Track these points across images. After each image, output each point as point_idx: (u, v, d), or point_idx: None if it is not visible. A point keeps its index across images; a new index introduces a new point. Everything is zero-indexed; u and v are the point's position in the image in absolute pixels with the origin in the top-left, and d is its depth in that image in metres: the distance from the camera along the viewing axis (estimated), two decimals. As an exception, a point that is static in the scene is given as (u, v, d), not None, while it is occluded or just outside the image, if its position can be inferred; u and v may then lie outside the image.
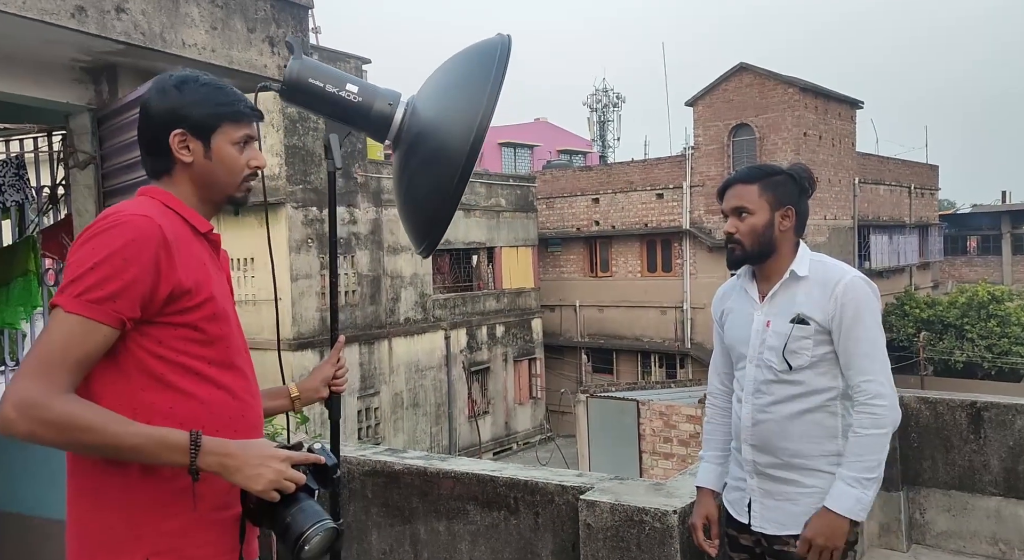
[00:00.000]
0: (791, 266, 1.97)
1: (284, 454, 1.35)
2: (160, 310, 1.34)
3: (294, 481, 1.33)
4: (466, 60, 1.82)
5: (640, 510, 2.28)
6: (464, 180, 1.65)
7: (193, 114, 1.45)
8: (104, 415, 1.27)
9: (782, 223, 1.99)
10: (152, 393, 1.35)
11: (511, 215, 20.52)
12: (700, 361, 20.71)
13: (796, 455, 1.92)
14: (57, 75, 3.27)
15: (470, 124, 1.62)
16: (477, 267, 20.21)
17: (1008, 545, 3.69)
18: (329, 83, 1.75)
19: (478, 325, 19.28)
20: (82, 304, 1.28)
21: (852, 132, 22.53)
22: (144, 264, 1.31)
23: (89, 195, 3.39)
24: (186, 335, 1.38)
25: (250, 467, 1.30)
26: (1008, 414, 3.70)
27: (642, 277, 22.28)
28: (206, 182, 1.48)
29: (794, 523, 1.91)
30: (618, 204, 22.47)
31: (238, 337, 1.49)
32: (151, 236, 1.32)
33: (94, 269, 1.28)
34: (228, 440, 1.34)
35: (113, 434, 1.25)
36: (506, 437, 19.92)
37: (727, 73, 20.88)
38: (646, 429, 13.63)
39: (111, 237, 1.31)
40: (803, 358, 1.91)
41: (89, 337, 1.28)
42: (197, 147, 1.46)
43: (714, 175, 20.88)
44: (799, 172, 2.03)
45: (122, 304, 1.29)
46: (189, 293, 1.37)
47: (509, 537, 2.66)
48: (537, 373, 21.05)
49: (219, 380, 1.42)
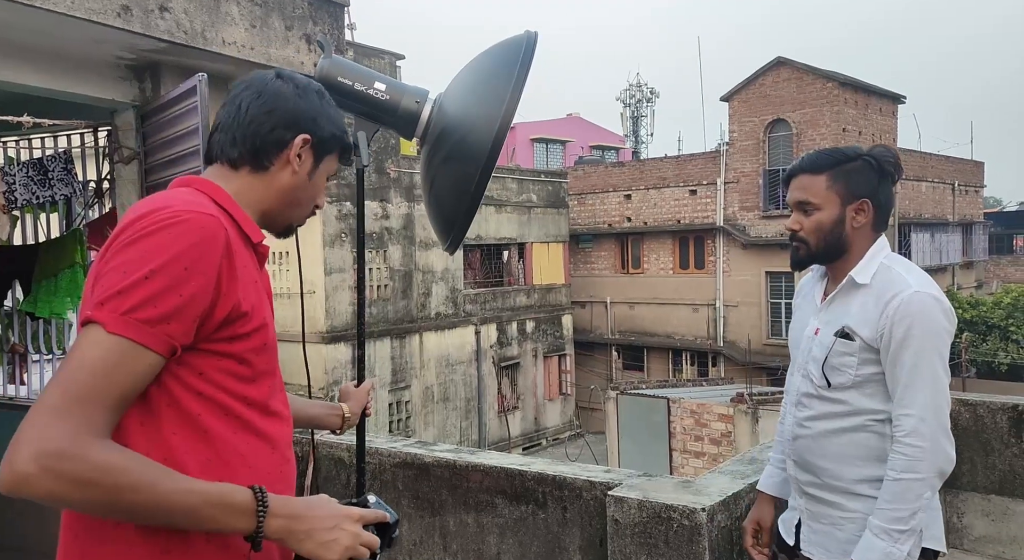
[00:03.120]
0: (852, 271, 1.73)
1: (357, 513, 1.11)
2: (211, 334, 1.07)
3: (370, 547, 1.10)
4: (491, 57, 1.84)
5: (668, 507, 2.27)
6: (486, 176, 1.64)
7: (325, 129, 1.29)
8: (154, 469, 0.98)
9: (855, 218, 1.74)
10: (183, 439, 1.07)
11: (542, 211, 20.51)
12: (732, 360, 20.50)
13: (834, 477, 1.72)
14: (103, 73, 3.36)
15: (492, 121, 1.61)
16: (508, 263, 20.25)
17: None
18: (357, 81, 1.78)
19: (508, 320, 19.34)
20: (130, 324, 0.99)
21: (894, 128, 22.05)
22: (209, 275, 1.04)
23: (133, 189, 3.49)
24: (228, 368, 1.11)
25: (323, 532, 1.06)
26: (1053, 417, 3.62)
27: (674, 274, 22.11)
28: (290, 199, 1.28)
29: (840, 551, 1.70)
30: (650, 200, 22.32)
31: (279, 373, 1.26)
32: (217, 240, 1.06)
33: (149, 279, 1.00)
34: (292, 498, 1.09)
35: (164, 494, 0.96)
36: (535, 433, 19.96)
37: (764, 67, 20.58)
38: (676, 427, 13.55)
39: (169, 238, 1.02)
40: (845, 376, 1.69)
41: (134, 366, 1.00)
42: (308, 162, 1.28)
43: (749, 171, 20.63)
44: (880, 156, 1.75)
45: (177, 326, 1.02)
46: (245, 317, 1.10)
47: (537, 531, 2.69)
48: (567, 369, 21.04)
49: (259, 426, 1.16)
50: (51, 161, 3.85)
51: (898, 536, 1.58)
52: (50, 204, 3.95)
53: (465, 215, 1.77)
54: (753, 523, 1.97)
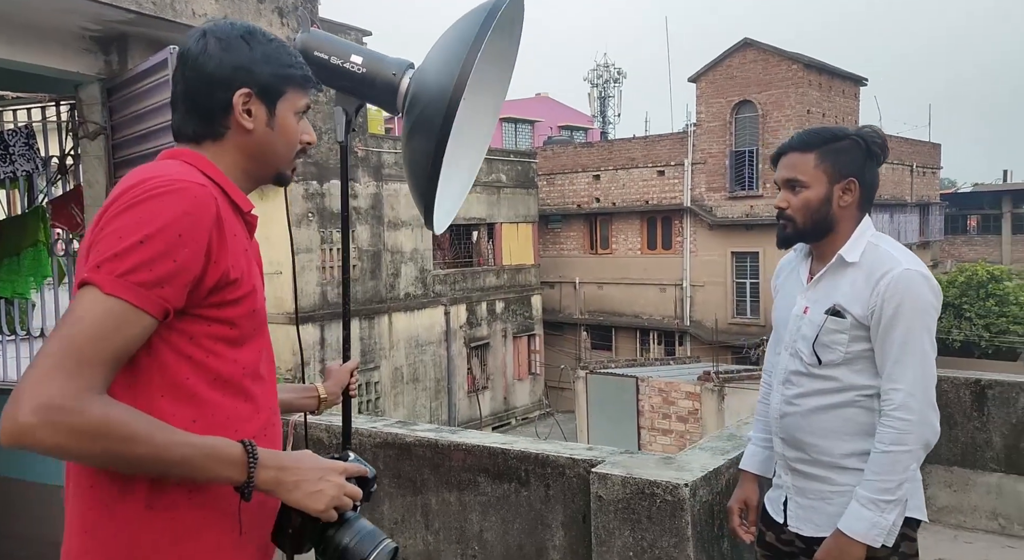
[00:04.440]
0: (840, 250, 1.74)
1: (341, 466, 1.17)
2: (202, 300, 1.12)
3: (353, 497, 1.16)
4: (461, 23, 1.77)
5: (651, 483, 2.31)
6: (441, 148, 1.58)
7: (263, 74, 1.23)
8: (147, 421, 1.04)
9: (842, 198, 1.75)
10: (171, 402, 1.11)
11: (511, 191, 20.46)
12: (699, 339, 20.81)
13: (823, 452, 1.74)
14: (67, 44, 3.24)
15: (447, 86, 1.54)
16: (477, 243, 20.20)
17: (1008, 520, 3.76)
18: (334, 55, 1.72)
19: (478, 301, 19.33)
20: (127, 286, 1.03)
21: (856, 110, 22.40)
22: (201, 242, 1.08)
23: (99, 166, 3.38)
24: (219, 333, 1.15)
25: (310, 483, 1.11)
26: (1012, 392, 3.74)
27: (642, 254, 22.30)
28: (261, 154, 1.26)
29: (830, 525, 1.71)
30: (619, 181, 22.42)
31: (269, 340, 1.29)
32: (208, 209, 1.10)
33: (144, 243, 1.04)
34: (280, 451, 1.15)
35: (160, 445, 1.02)
36: (505, 412, 20.07)
37: (731, 49, 20.71)
38: (645, 405, 13.75)
39: (164, 205, 1.06)
40: (835, 354, 1.70)
41: (130, 328, 1.04)
42: (260, 113, 1.24)
43: (715, 152, 20.80)
44: (868, 136, 1.76)
45: (170, 291, 1.06)
46: (235, 283, 1.14)
47: (519, 508, 2.70)
48: (536, 349, 21.15)
49: (247, 389, 1.20)
50: (12, 135, 3.71)
51: (885, 506, 1.61)
52: (11, 180, 3.81)
53: (428, 186, 1.70)
54: (740, 502, 1.98)
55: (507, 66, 2.02)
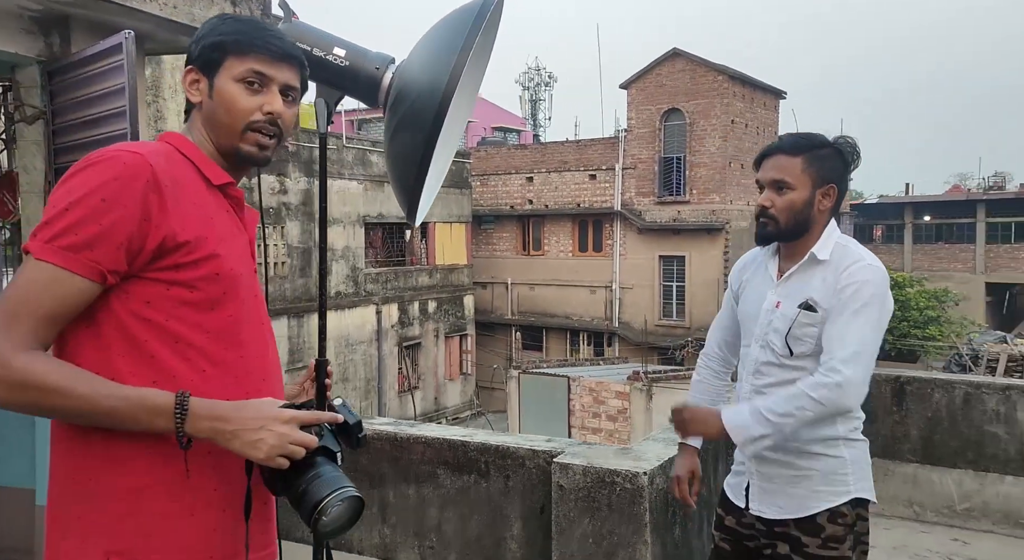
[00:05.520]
0: (812, 248, 1.84)
1: (289, 414, 1.16)
2: (149, 263, 1.15)
3: (303, 444, 1.15)
4: (448, 21, 1.81)
5: (612, 472, 2.40)
6: (431, 144, 1.60)
7: (200, 46, 1.27)
8: (74, 375, 1.10)
9: (822, 202, 1.85)
10: (130, 362, 1.15)
11: (445, 191, 20.40)
12: (627, 340, 21.27)
13: (791, 438, 1.81)
14: (4, 24, 3.08)
15: (437, 87, 1.57)
16: (410, 242, 20.07)
17: (922, 507, 4.04)
18: (316, 46, 1.72)
19: (410, 300, 19.20)
20: (53, 250, 1.10)
21: (776, 121, 23.37)
22: (129, 206, 1.12)
23: (38, 152, 3.23)
24: (180, 296, 1.17)
25: (249, 432, 1.12)
26: (927, 388, 4.03)
27: (573, 257, 22.63)
28: (211, 126, 1.28)
29: (794, 507, 1.83)
30: (552, 184, 22.68)
31: (252, 307, 1.28)
32: (139, 174, 1.14)
33: (69, 210, 1.11)
34: (220, 401, 1.16)
35: (84, 396, 1.09)
36: (436, 412, 20.00)
37: (660, 58, 21.27)
38: (576, 404, 13.97)
39: (91, 174, 1.13)
40: (806, 345, 1.80)
41: (59, 289, 1.10)
42: (204, 85, 1.27)
43: (645, 158, 21.33)
44: (846, 146, 1.86)
45: (101, 253, 1.11)
46: (186, 246, 1.17)
47: (479, 500, 2.75)
48: (468, 349, 21.17)
49: (217, 355, 1.21)
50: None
51: (763, 421, 1.74)
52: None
53: (415, 183, 1.74)
54: (687, 472, 2.04)
55: (483, 66, 2.07)
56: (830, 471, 1.82)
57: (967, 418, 3.96)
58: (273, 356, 1.33)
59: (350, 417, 1.24)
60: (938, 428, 4.02)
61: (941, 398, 4.01)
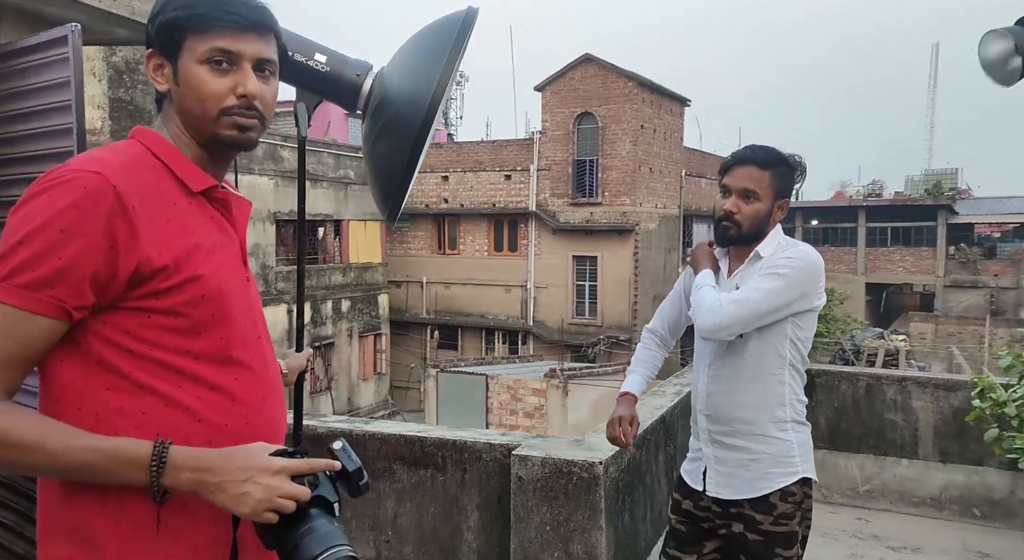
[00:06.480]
0: (757, 247, 2.03)
1: (278, 464, 1.04)
2: (124, 293, 1.05)
3: (294, 497, 1.03)
4: (430, 32, 1.90)
5: (569, 462, 2.53)
6: (418, 150, 1.69)
7: (156, 26, 1.13)
8: (43, 427, 1.01)
9: (777, 214, 2.04)
10: (119, 395, 1.06)
11: (360, 188, 20.15)
12: (541, 338, 21.64)
13: (747, 422, 2.00)
14: (-74, 5, 2.92)
15: (424, 96, 1.65)
16: (323, 240, 19.68)
17: (829, 490, 4.41)
18: (298, 52, 1.78)
19: (323, 299, 18.84)
20: (8, 289, 0.99)
21: (681, 128, 24.36)
22: (91, 236, 1.01)
23: (-39, 142, 3.06)
24: (163, 323, 1.08)
25: (234, 485, 1.02)
26: (835, 380, 4.40)
27: (489, 256, 22.81)
28: (184, 116, 1.15)
29: (748, 489, 2.00)
30: (467, 183, 22.78)
31: (243, 323, 1.17)
32: (101, 199, 1.02)
33: (23, 243, 1.00)
34: (207, 450, 1.05)
35: (54, 452, 0.99)
36: (349, 412, 19.69)
37: (573, 62, 21.75)
38: (494, 402, 14.14)
39: (47, 201, 1.01)
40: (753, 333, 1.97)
41: (20, 331, 1.00)
42: (168, 70, 1.14)
43: (559, 160, 21.76)
44: (798, 166, 2.04)
45: (63, 290, 1.01)
46: (164, 271, 1.06)
47: (436, 493, 2.83)
48: (382, 349, 20.97)
49: (211, 379, 1.12)
50: None
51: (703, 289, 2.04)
52: None
53: (399, 188, 1.84)
54: (629, 416, 2.16)
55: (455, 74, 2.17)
56: (780, 454, 2.00)
57: (869, 407, 4.35)
58: (273, 372, 1.24)
59: (350, 463, 1.13)
60: (844, 417, 4.39)
61: (847, 389, 4.39)
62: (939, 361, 23.67)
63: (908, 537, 3.93)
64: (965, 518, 4.12)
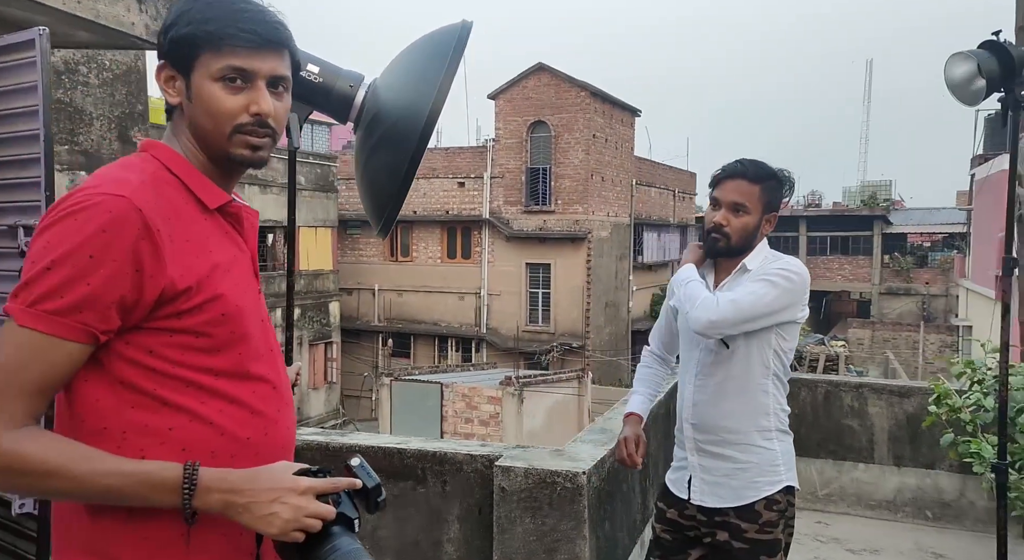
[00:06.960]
0: (744, 260, 2.06)
1: (305, 484, 1.06)
2: (148, 315, 1.06)
3: (320, 516, 1.05)
4: (425, 45, 1.90)
5: (553, 473, 2.54)
6: (415, 163, 1.70)
7: (169, 39, 1.12)
8: (69, 452, 1.00)
9: (766, 227, 2.07)
10: (145, 412, 1.07)
11: (310, 194, 19.85)
12: (494, 345, 21.64)
13: (732, 431, 2.03)
14: None
15: (422, 109, 1.66)
16: (273, 246, 19.30)
17: (790, 493, 4.53)
18: None
19: (272, 307, 18.45)
20: (37, 316, 1.00)
21: (631, 137, 24.76)
22: (119, 261, 1.01)
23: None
24: (185, 343, 1.09)
25: (261, 505, 1.03)
26: (795, 387, 4.52)
27: (442, 263, 22.73)
28: (194, 130, 1.14)
29: (733, 497, 2.04)
30: (420, 189, 22.67)
31: (258, 337, 1.18)
32: (128, 223, 1.02)
33: (51, 269, 0.99)
34: (232, 471, 1.06)
35: (81, 477, 0.99)
36: (299, 422, 19.28)
37: (527, 71, 21.91)
38: (449, 410, 14.07)
39: (74, 225, 1.00)
40: (738, 337, 2.01)
41: (48, 357, 1.01)
42: (180, 84, 1.13)
43: (512, 168, 21.85)
44: (787, 181, 2.08)
45: (91, 315, 1.01)
46: (186, 293, 1.07)
47: (417, 505, 2.80)
48: (333, 357, 20.64)
49: (231, 394, 1.13)
50: None
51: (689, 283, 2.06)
52: None
53: (395, 200, 1.84)
54: (635, 436, 2.19)
55: None
56: (766, 463, 2.05)
57: (827, 413, 4.49)
58: (285, 383, 1.26)
59: (368, 480, 1.16)
60: (803, 422, 4.52)
61: (807, 396, 4.52)
62: (876, 366, 24.58)
63: (867, 539, 4.06)
64: (918, 520, 4.29)
